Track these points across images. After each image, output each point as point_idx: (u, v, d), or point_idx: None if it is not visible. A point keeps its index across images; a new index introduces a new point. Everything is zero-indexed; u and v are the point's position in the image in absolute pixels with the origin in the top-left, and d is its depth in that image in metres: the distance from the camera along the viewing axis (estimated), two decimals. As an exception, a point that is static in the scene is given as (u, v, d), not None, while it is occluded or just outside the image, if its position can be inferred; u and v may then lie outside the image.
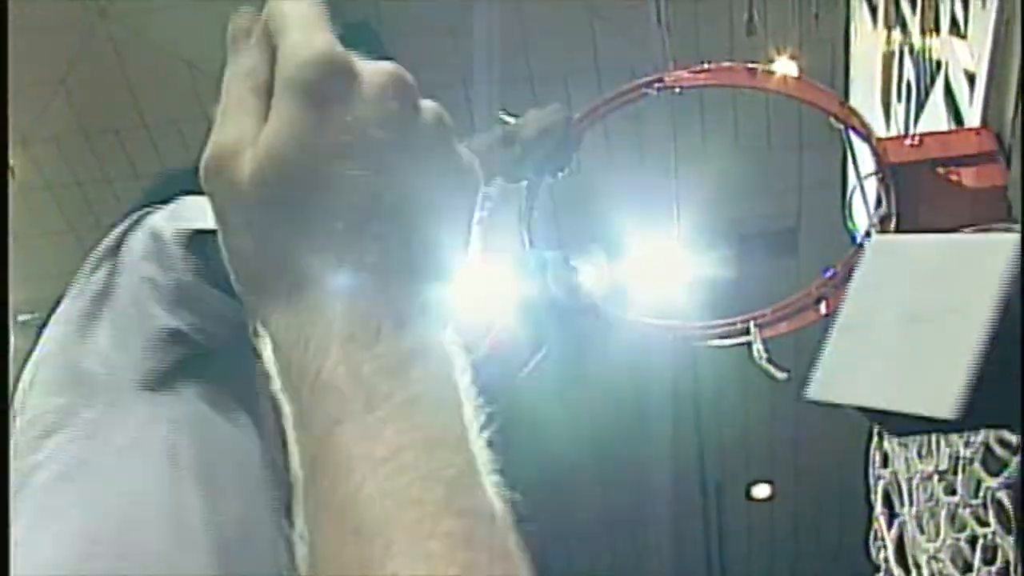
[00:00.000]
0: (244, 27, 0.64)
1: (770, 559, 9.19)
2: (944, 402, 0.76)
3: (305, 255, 0.59)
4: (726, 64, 1.92)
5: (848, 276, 2.04)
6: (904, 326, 0.84)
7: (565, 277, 2.17)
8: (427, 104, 0.61)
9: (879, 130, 2.71)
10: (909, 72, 2.40)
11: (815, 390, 0.87)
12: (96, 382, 1.26)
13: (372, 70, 0.60)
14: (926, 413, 0.78)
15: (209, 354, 1.37)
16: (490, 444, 0.58)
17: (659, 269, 6.85)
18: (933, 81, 2.24)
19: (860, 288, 0.90)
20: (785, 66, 6.51)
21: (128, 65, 6.66)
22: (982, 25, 1.97)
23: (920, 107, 2.35)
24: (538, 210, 2.19)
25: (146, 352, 1.34)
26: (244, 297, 0.62)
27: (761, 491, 9.12)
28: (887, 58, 2.56)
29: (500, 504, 0.56)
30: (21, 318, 5.73)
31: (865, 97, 2.80)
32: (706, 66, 1.91)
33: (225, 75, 0.62)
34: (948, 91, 2.16)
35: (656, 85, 1.91)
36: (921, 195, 2.01)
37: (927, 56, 2.27)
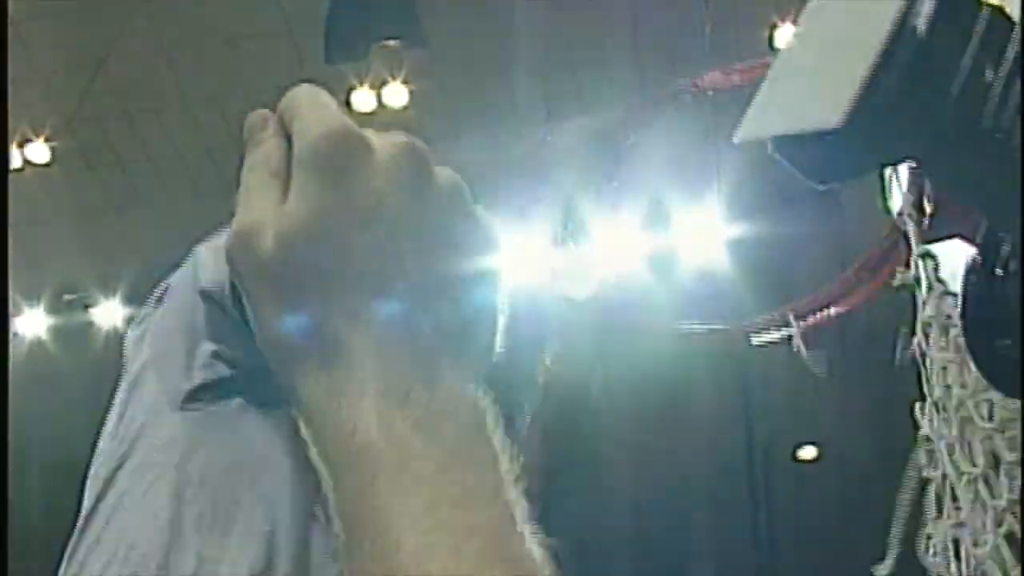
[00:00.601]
0: (259, 121, 0.68)
1: (818, 521, 9.29)
2: (834, 115, 0.78)
3: (334, 319, 0.62)
4: (758, 62, 2.00)
5: (883, 260, 2.13)
6: (818, 60, 0.88)
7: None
8: (442, 170, 0.65)
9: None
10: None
11: (739, 133, 0.89)
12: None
13: (385, 141, 0.64)
14: (817, 126, 0.80)
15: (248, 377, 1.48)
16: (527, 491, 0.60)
17: (701, 239, 6.95)
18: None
19: (792, 43, 0.93)
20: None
21: (168, 43, 6.79)
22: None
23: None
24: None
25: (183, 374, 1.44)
26: (275, 368, 0.65)
27: (807, 452, 9.20)
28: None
29: (539, 551, 0.59)
30: (66, 298, 5.92)
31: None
32: (738, 66, 1.99)
33: (243, 166, 0.67)
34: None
35: (691, 90, 2.01)
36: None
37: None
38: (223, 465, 1.15)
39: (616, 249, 6.75)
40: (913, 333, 1.96)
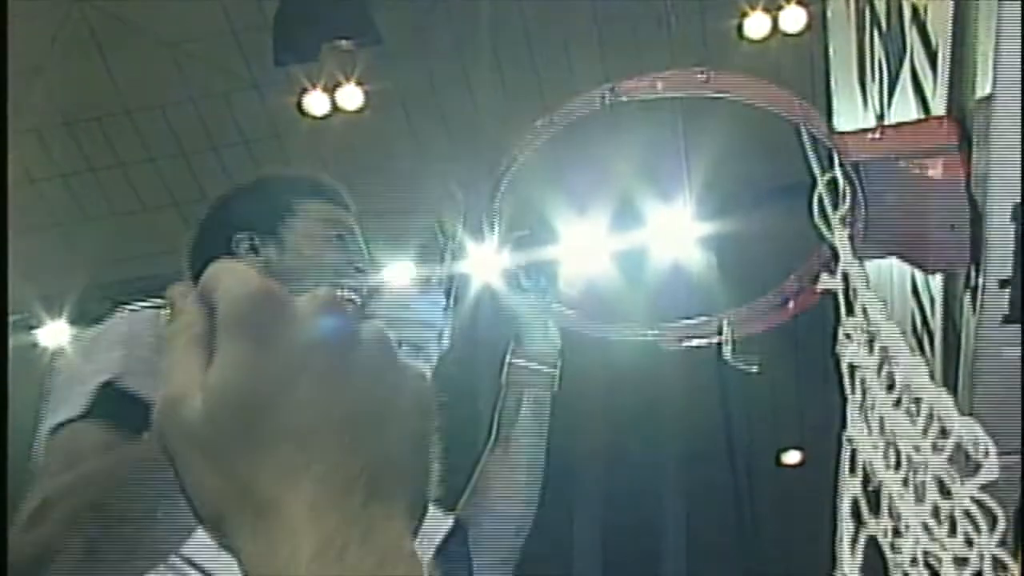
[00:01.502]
0: (180, 292, 0.70)
1: (803, 525, 9.27)
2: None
3: (264, 480, 0.63)
4: (680, 71, 1.95)
5: (813, 277, 2.08)
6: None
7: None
8: (366, 324, 0.67)
9: (857, 111, 2.73)
10: (880, 52, 2.42)
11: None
12: None
13: (306, 298, 0.66)
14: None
15: None
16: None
17: (671, 237, 6.90)
18: (901, 64, 2.26)
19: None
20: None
21: (107, 50, 6.72)
22: (941, 4, 1.99)
23: (891, 90, 2.37)
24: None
25: None
26: (211, 534, 0.66)
27: (791, 457, 9.18)
28: (860, 37, 2.58)
29: None
30: (12, 318, 5.80)
31: (844, 74, 2.82)
32: (663, 74, 1.94)
33: (167, 336, 0.68)
34: (914, 76, 2.18)
35: (608, 97, 1.95)
36: (887, 191, 2.04)
37: (895, 36, 2.29)
38: None
39: (584, 250, 6.71)
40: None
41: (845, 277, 1.96)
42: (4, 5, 2.07)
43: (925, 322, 2.48)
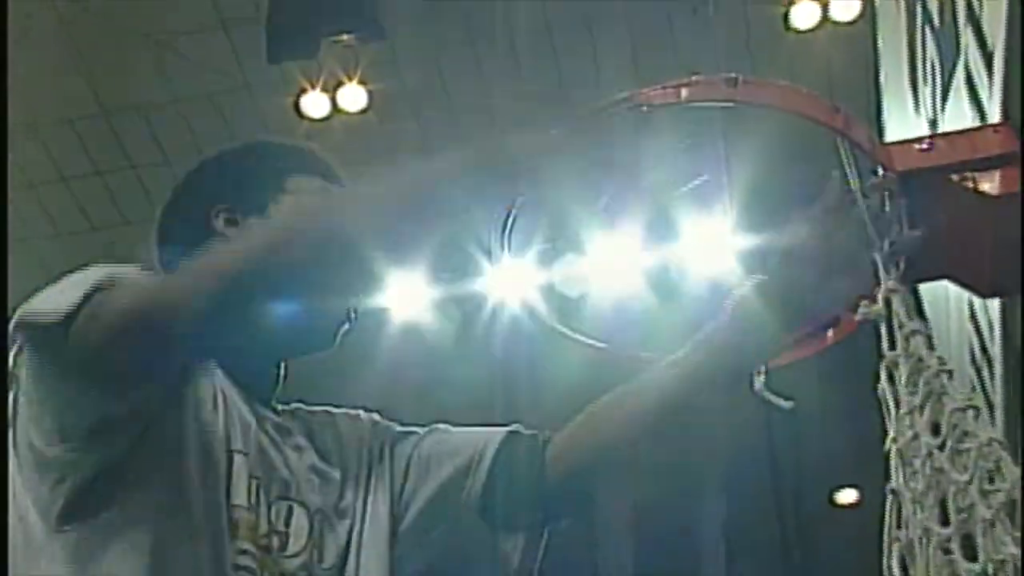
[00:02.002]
0: None
1: (859, 569, 9.22)
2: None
3: None
4: (706, 78, 1.97)
5: (854, 304, 2.10)
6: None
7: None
8: None
9: (908, 115, 2.76)
10: (932, 50, 2.44)
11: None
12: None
13: None
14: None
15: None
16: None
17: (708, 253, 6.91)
18: (955, 65, 2.28)
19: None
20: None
21: (81, 46, 6.76)
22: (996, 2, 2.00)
23: (944, 93, 2.39)
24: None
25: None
26: None
27: (847, 496, 9.16)
28: (911, 32, 2.60)
29: None
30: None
31: (894, 73, 2.84)
32: (686, 81, 1.97)
33: None
34: (968, 78, 2.20)
35: (628, 105, 1.97)
36: (935, 204, 2.05)
37: (949, 33, 2.32)
38: None
39: (613, 264, 6.73)
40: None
41: (888, 304, 1.97)
42: (4, 5, 2.14)
43: (984, 349, 2.49)
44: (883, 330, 1.96)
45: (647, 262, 7.11)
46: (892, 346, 1.90)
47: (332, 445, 1.96)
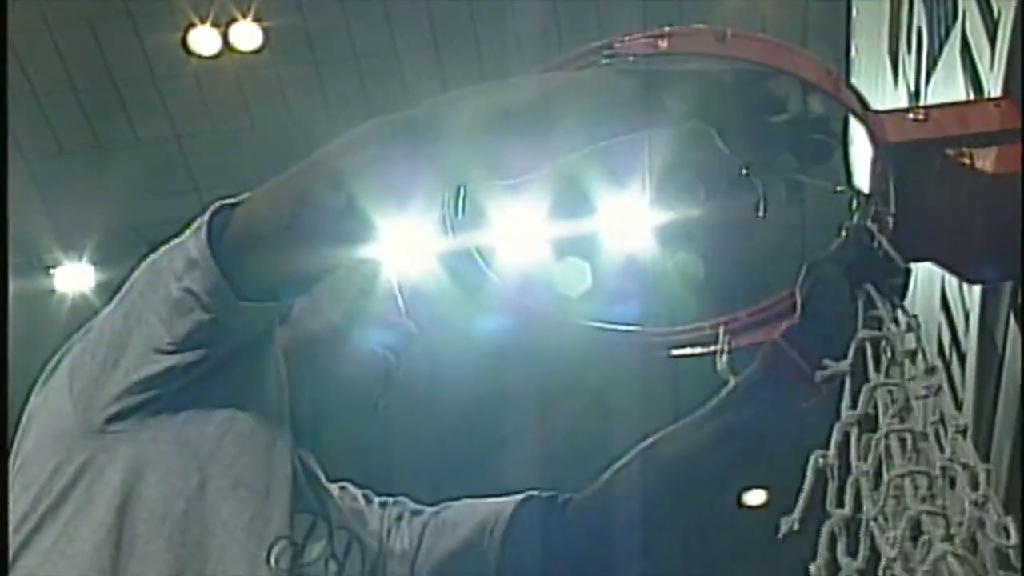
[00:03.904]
0: None
1: (766, 570, 9.32)
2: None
3: None
4: (691, 27, 1.96)
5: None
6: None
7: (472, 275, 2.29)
8: None
9: (886, 86, 2.77)
10: (920, 18, 2.46)
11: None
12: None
13: None
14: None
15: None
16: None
17: (627, 227, 6.95)
18: (948, 33, 2.29)
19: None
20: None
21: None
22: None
23: (933, 63, 2.40)
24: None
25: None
26: None
27: (755, 497, 9.26)
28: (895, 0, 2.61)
29: None
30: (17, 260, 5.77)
31: (870, 42, 2.85)
32: (667, 30, 1.95)
33: None
34: (965, 47, 2.21)
35: (606, 52, 1.96)
36: (927, 180, 2.06)
37: (942, -1, 2.33)
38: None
39: (522, 237, 6.74)
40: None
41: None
42: (4, 5, 2.13)
43: (956, 341, 2.52)
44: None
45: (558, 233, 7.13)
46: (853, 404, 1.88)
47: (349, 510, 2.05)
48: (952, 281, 2.39)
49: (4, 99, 1.95)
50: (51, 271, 7.60)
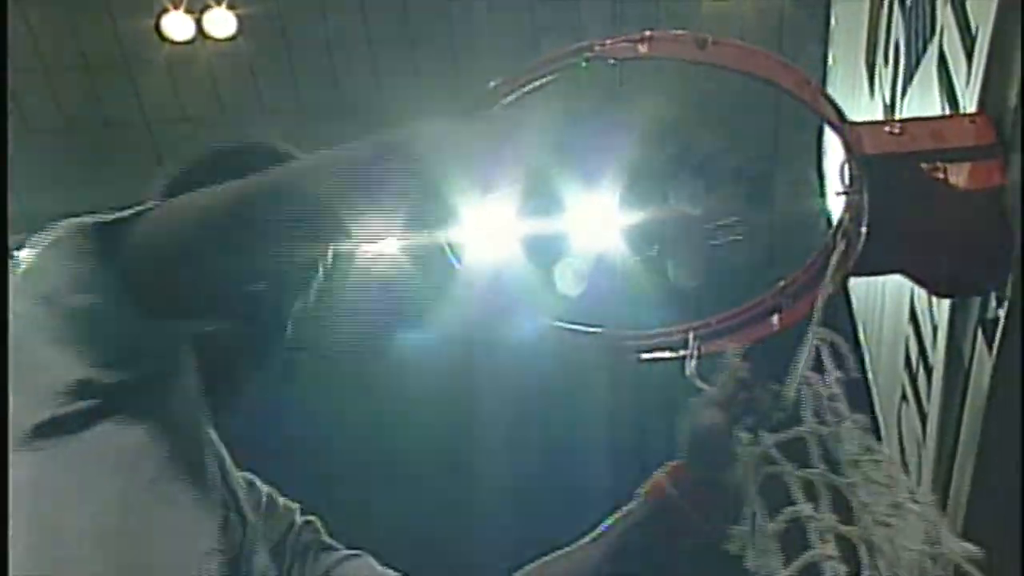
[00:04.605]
0: None
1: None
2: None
3: None
4: (672, 32, 1.97)
5: (815, 279, 2.10)
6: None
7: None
8: None
9: (861, 98, 2.78)
10: (899, 30, 2.46)
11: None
12: None
13: None
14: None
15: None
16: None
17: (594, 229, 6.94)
18: (926, 47, 2.30)
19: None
20: None
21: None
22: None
23: (909, 76, 2.41)
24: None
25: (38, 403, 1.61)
26: None
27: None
28: (874, 9, 2.62)
29: None
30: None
31: (847, 52, 2.86)
32: (647, 34, 1.96)
33: None
34: (942, 62, 2.22)
35: (586, 54, 1.97)
36: (901, 193, 2.07)
37: (922, 13, 2.34)
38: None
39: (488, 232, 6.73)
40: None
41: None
42: (4, 5, 2.10)
43: (923, 354, 2.53)
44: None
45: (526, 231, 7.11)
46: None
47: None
48: (921, 294, 2.40)
49: (4, 99, 1.93)
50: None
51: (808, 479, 1.86)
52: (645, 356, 2.33)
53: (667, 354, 2.31)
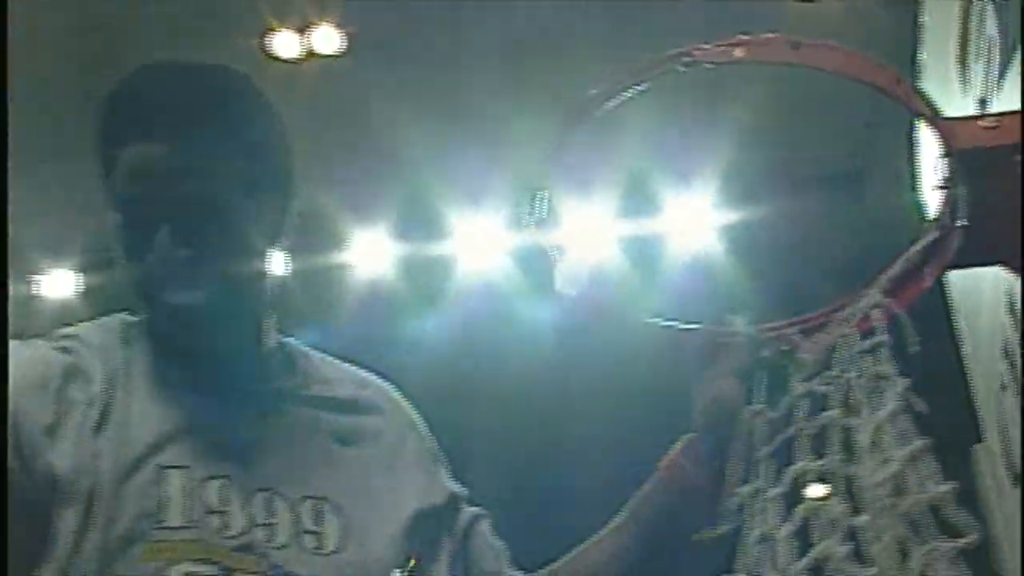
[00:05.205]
0: None
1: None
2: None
3: None
4: (765, 36, 1.96)
5: (912, 273, 2.07)
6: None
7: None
8: None
9: (954, 93, 2.73)
10: (991, 26, 2.42)
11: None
12: None
13: None
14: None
15: None
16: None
17: (689, 227, 6.92)
18: (1018, 42, 2.26)
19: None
20: None
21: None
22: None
23: (1002, 72, 2.37)
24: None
25: None
26: None
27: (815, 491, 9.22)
28: (965, 7, 2.58)
29: None
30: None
31: (938, 52, 2.82)
32: (742, 38, 1.95)
33: None
34: (1034, 56, 2.18)
35: (684, 60, 1.96)
36: (997, 185, 2.03)
37: (1014, 7, 2.29)
38: None
39: (591, 235, 6.72)
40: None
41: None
42: (4, 5, 2.11)
43: (1022, 341, 2.48)
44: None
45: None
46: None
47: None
48: (1019, 285, 2.36)
49: (4, 99, 1.92)
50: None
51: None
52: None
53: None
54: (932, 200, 2.16)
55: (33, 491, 1.70)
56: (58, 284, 7.48)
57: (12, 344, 1.77)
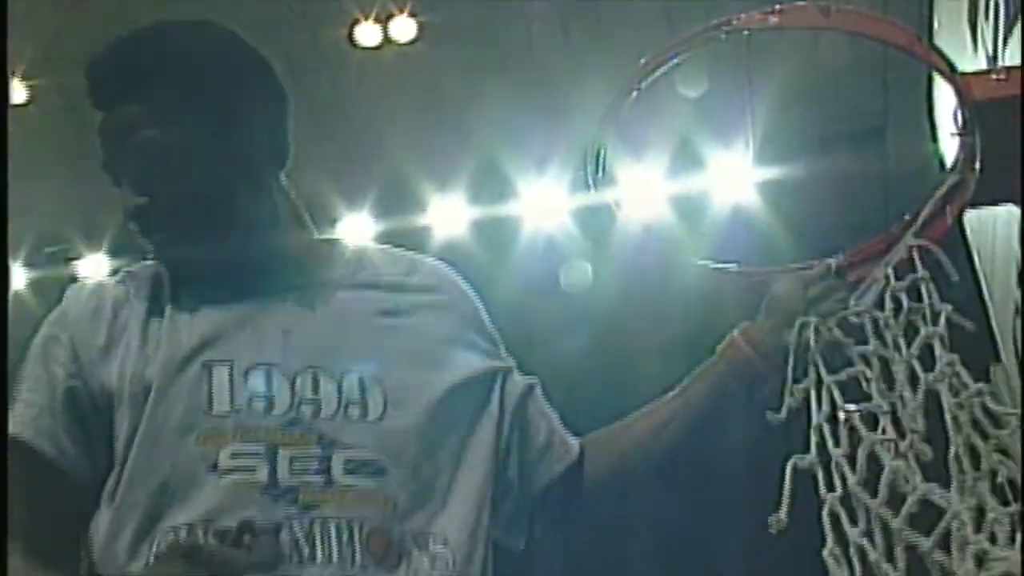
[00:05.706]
0: None
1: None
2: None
3: None
4: (797, 4, 1.97)
5: (936, 213, 2.07)
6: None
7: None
8: None
9: (966, 54, 2.72)
10: (998, -14, 2.41)
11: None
12: None
13: None
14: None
15: None
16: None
17: (729, 182, 6.89)
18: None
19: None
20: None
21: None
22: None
23: (1009, 28, 2.36)
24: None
25: None
26: None
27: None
28: (975, -30, 2.56)
29: None
30: (47, 250, 5.87)
31: (950, 15, 2.80)
32: (777, 7, 1.97)
33: None
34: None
35: (725, 28, 1.97)
36: (1009, 132, 2.04)
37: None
38: None
39: (642, 193, 6.71)
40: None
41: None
42: (4, 5, 2.08)
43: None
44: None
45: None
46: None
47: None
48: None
49: (5, 100, 1.92)
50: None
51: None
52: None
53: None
54: (949, 148, 2.16)
55: (91, 404, 1.75)
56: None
57: (77, 284, 1.88)
